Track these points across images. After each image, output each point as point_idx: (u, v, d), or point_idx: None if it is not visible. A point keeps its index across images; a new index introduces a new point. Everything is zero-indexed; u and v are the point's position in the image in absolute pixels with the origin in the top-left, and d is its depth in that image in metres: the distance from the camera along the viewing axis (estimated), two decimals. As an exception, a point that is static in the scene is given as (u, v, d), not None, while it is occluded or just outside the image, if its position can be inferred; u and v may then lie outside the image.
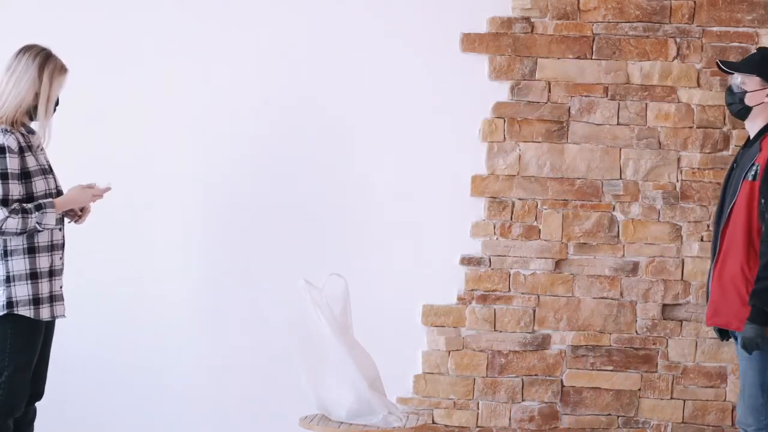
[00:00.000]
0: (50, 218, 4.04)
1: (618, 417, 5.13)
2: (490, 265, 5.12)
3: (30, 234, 4.02)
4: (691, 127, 5.11)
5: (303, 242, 5.12)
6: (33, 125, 4.23)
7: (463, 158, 5.12)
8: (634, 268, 5.11)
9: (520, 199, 5.12)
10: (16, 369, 4.03)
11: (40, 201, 4.05)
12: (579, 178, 5.12)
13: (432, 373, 5.14)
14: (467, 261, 5.12)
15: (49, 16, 5.14)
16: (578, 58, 5.11)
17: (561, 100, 5.11)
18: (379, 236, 5.14)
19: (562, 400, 5.14)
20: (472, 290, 5.13)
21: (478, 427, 5.14)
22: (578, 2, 5.09)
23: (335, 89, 5.13)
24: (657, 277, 5.11)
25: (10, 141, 4.00)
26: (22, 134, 4.09)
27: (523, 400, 5.14)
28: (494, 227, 5.12)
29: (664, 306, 5.13)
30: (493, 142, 5.12)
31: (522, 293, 5.12)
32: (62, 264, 4.18)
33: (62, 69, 4.19)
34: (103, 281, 5.15)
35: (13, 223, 3.95)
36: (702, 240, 5.10)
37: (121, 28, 5.14)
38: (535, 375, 5.13)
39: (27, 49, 4.16)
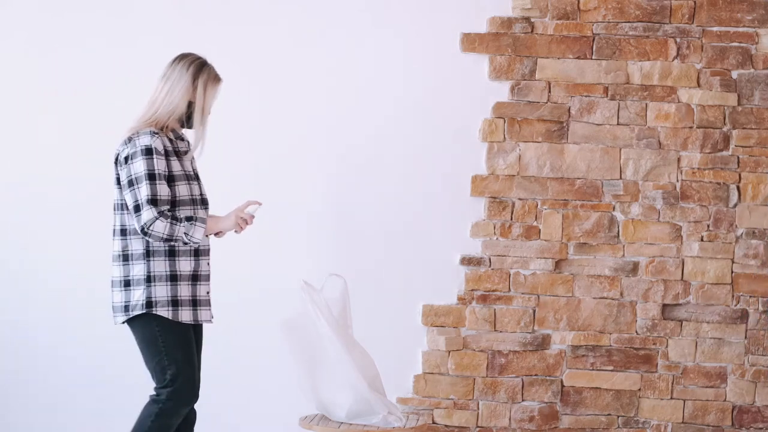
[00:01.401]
0: (199, 232, 4.00)
1: (618, 417, 5.14)
2: (490, 265, 5.12)
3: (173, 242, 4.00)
4: (691, 127, 5.11)
5: (303, 242, 5.12)
6: (188, 134, 4.19)
7: (463, 158, 5.12)
8: (634, 268, 5.11)
9: (520, 199, 5.12)
10: (178, 366, 4.01)
11: (193, 215, 4.03)
12: (579, 178, 5.12)
13: (432, 373, 5.14)
14: (467, 261, 5.12)
15: (46, 15, 5.15)
16: (578, 58, 5.11)
17: (561, 100, 5.11)
18: (379, 236, 5.14)
19: (562, 400, 5.14)
20: (472, 290, 5.13)
21: (478, 427, 5.15)
22: (578, 2, 5.09)
23: (335, 89, 5.13)
24: (657, 277, 5.11)
25: (157, 143, 3.97)
26: (170, 139, 4.07)
27: (523, 400, 5.14)
28: (494, 227, 5.12)
29: (664, 306, 5.13)
30: (493, 142, 5.12)
31: (522, 293, 5.13)
32: (209, 270, 4.15)
33: (216, 78, 4.14)
34: (102, 281, 5.15)
35: (161, 227, 3.92)
36: (702, 240, 5.10)
37: (121, 26, 5.15)
38: (535, 375, 5.14)
39: (182, 57, 4.13)
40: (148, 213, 3.92)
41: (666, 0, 5.09)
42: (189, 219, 3.99)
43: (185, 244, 4.01)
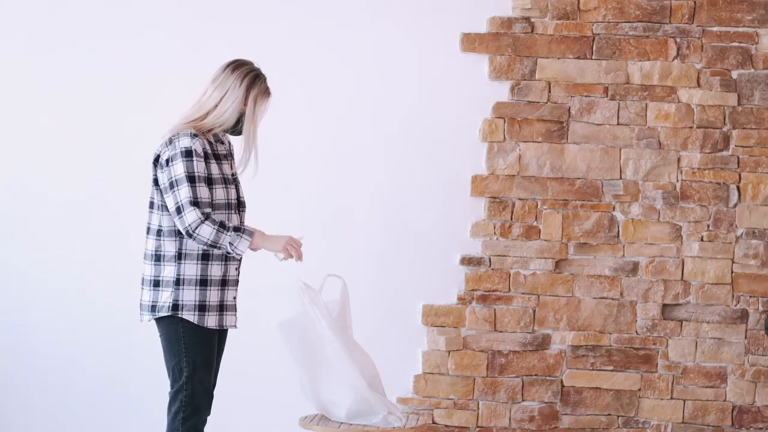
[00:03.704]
0: (243, 245, 3.93)
1: (618, 417, 5.14)
2: (490, 265, 5.12)
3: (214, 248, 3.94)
4: (691, 127, 5.11)
5: (302, 242, 5.11)
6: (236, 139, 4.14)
7: (463, 158, 5.12)
8: (634, 268, 5.11)
9: (520, 199, 5.12)
10: (195, 368, 3.97)
11: (242, 226, 3.98)
12: (579, 178, 5.12)
13: (432, 373, 5.14)
14: (467, 261, 5.12)
15: (46, 15, 5.15)
16: (578, 58, 5.11)
17: (561, 100, 5.11)
18: (379, 236, 5.14)
19: (562, 400, 5.14)
20: (472, 290, 5.13)
21: (478, 427, 5.15)
22: (578, 2, 5.09)
23: (336, 88, 5.13)
24: (657, 277, 5.11)
25: (196, 145, 3.90)
26: (210, 142, 4.00)
27: (523, 400, 5.14)
28: (494, 227, 5.12)
29: (664, 306, 5.13)
30: (493, 142, 5.12)
31: (522, 293, 5.13)
32: (237, 275, 4.10)
33: (266, 93, 4.07)
34: (101, 281, 5.16)
35: (207, 232, 3.86)
36: (702, 240, 5.10)
37: (121, 27, 5.16)
38: (535, 375, 5.14)
39: (238, 65, 4.04)
40: (191, 214, 3.85)
41: (666, 0, 5.09)
42: (237, 229, 3.92)
43: (228, 253, 3.98)
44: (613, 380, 5.13)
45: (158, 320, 3.98)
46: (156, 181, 3.97)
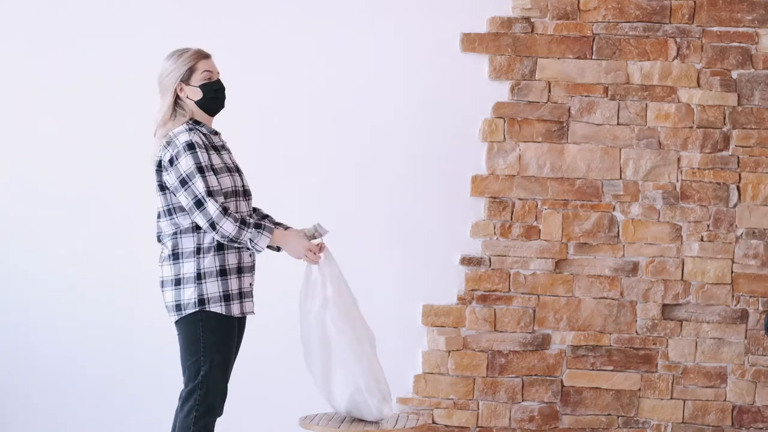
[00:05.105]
0: (264, 242, 3.97)
1: (618, 417, 5.14)
2: (490, 265, 5.12)
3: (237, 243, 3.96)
4: (691, 127, 5.11)
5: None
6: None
7: (463, 158, 5.13)
8: (634, 268, 5.11)
9: (520, 199, 5.12)
10: (212, 367, 3.99)
11: (262, 222, 4.02)
12: (579, 178, 5.12)
13: (432, 373, 5.15)
14: (467, 261, 5.12)
15: (46, 15, 5.15)
16: (578, 58, 5.11)
17: (561, 100, 5.12)
18: (379, 236, 5.14)
19: (562, 400, 5.14)
20: (472, 290, 5.13)
21: (478, 427, 5.15)
22: (578, 2, 5.10)
23: (336, 88, 5.13)
24: (657, 277, 5.11)
25: (195, 137, 3.95)
26: (204, 134, 4.03)
27: (523, 400, 5.14)
28: (494, 227, 5.12)
29: (664, 306, 5.13)
30: (493, 142, 5.12)
31: (522, 293, 5.13)
32: (252, 261, 4.11)
33: (197, 54, 4.11)
34: (99, 281, 5.16)
35: (230, 228, 3.90)
36: (702, 240, 5.11)
37: (121, 26, 5.16)
38: (535, 375, 5.14)
39: (173, 53, 4.11)
40: (211, 206, 3.89)
41: (666, 0, 5.09)
42: (258, 226, 3.97)
43: (247, 249, 4.01)
44: (613, 380, 5.13)
45: (178, 320, 4.00)
46: (162, 187, 3.98)
